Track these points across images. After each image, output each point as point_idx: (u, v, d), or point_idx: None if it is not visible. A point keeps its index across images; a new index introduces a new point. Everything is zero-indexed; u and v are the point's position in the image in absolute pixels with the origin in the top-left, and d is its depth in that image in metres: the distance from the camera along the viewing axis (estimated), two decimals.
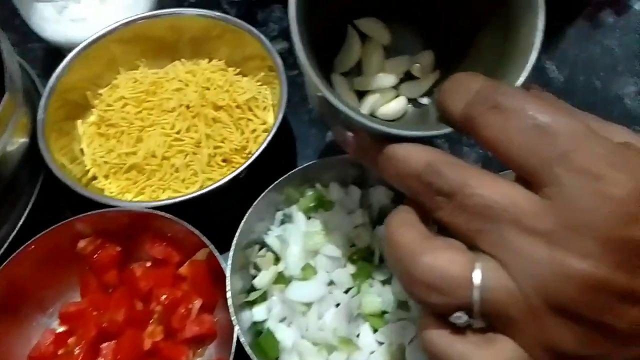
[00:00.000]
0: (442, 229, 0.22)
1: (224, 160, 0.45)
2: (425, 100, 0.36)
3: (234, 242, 0.36)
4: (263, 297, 0.37)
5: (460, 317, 0.21)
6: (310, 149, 0.51)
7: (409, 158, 0.23)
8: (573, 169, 0.19)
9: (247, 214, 0.37)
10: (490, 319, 0.21)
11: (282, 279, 0.37)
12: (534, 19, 0.25)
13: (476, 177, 0.21)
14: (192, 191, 0.42)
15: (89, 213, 0.40)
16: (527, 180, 0.20)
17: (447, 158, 0.22)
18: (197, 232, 0.38)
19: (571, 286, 0.19)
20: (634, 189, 0.19)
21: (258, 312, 0.37)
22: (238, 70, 0.51)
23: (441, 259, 0.21)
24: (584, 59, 0.55)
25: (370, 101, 0.35)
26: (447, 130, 0.24)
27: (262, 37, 0.47)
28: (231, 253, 0.36)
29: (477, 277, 0.20)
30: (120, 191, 0.45)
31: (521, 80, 0.25)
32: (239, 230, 0.37)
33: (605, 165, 0.19)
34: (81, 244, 0.41)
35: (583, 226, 0.19)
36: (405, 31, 0.36)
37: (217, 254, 0.38)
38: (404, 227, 0.23)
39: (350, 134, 0.28)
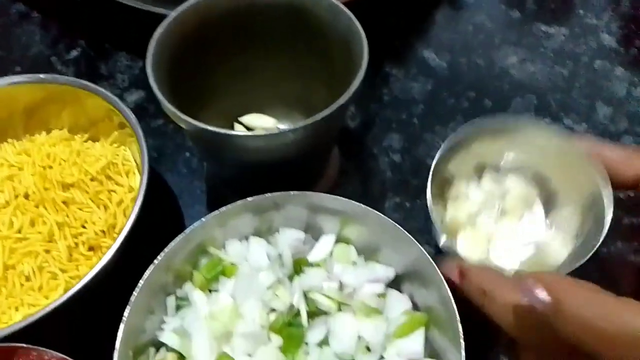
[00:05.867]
0: None
1: (90, 249, 0.36)
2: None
3: (115, 355, 0.27)
4: None
5: None
6: (198, 205, 0.43)
7: None
8: None
9: (126, 312, 0.28)
10: None
11: None
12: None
13: None
14: (54, 300, 0.32)
15: None
16: None
17: None
18: (66, 358, 0.29)
19: None
20: None
21: None
22: (86, 136, 0.42)
23: None
24: (459, 41, 0.53)
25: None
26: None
27: (103, 90, 0.39)
28: None
29: None
30: None
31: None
32: (119, 338, 0.28)
33: None
34: None
35: None
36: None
37: None
38: None
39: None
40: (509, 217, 0.36)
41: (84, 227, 0.36)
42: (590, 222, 0.33)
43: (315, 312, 0.31)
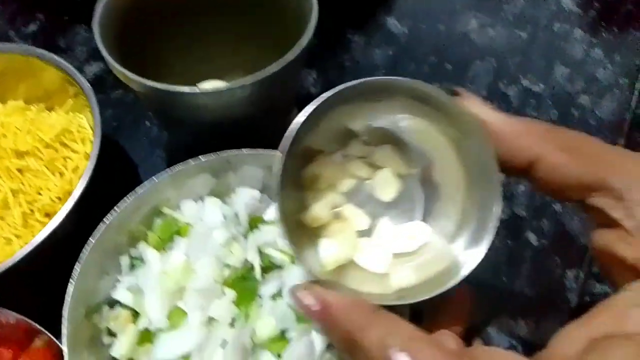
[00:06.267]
0: None
1: (47, 215, 0.36)
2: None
3: (65, 313, 0.27)
4: None
5: None
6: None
7: None
8: None
9: (75, 273, 0.28)
10: None
11: (148, 337, 0.29)
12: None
13: None
14: None
15: None
16: None
17: None
18: (24, 318, 0.29)
19: None
20: None
21: None
22: (43, 106, 0.42)
23: None
24: (421, 7, 0.53)
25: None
26: None
27: (56, 57, 0.38)
28: (64, 330, 0.27)
29: None
30: None
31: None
32: (68, 292, 0.28)
33: None
34: None
35: None
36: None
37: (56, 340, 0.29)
38: None
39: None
40: (382, 205, 0.27)
41: (40, 194, 0.36)
42: (475, 214, 0.25)
43: (269, 267, 0.31)
